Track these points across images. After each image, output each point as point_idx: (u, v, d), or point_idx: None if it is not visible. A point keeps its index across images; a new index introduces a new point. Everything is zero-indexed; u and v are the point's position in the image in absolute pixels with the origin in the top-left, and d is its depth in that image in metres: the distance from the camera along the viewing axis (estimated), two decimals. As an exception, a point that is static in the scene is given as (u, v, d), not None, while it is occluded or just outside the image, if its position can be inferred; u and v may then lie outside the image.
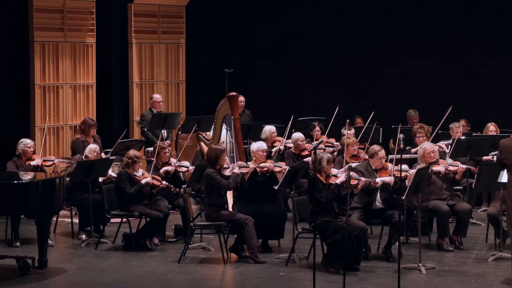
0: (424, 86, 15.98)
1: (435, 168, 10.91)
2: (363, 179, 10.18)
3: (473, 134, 13.63)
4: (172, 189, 11.26)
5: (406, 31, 16.14)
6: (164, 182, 11.16)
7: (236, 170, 10.51)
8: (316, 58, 16.53)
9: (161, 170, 11.31)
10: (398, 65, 16.18)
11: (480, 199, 13.28)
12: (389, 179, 10.26)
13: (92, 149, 11.66)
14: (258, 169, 10.67)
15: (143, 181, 10.87)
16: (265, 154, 10.95)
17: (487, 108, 15.10)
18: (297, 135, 12.80)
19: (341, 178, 9.85)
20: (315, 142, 12.29)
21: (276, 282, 9.41)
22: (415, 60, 16.04)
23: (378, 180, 10.26)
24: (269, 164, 10.78)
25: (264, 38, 16.80)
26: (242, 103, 14.86)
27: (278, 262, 10.24)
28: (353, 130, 13.52)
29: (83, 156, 11.73)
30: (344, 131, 13.23)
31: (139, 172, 10.99)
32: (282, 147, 12.50)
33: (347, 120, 11.85)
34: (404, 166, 10.23)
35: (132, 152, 11.14)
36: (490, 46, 15.77)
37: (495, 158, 11.51)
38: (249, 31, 16.91)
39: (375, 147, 10.73)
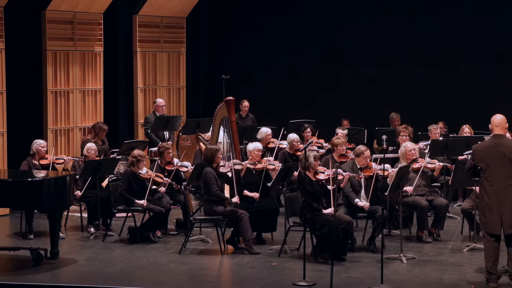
0: (406, 91, 15.96)
1: (415, 166, 10.93)
2: (347, 173, 10.20)
3: (450, 135, 13.63)
4: (174, 186, 11.26)
5: (389, 37, 16.13)
6: (166, 179, 11.16)
7: (235, 199, 10.44)
8: (306, 65, 16.51)
9: (166, 179, 11.24)
10: (385, 70, 16.15)
11: (456, 195, 13.28)
12: (363, 204, 10.25)
13: (89, 147, 11.67)
14: (251, 166, 10.68)
15: (146, 176, 10.87)
16: (260, 153, 10.96)
17: (462, 111, 15.10)
18: (293, 136, 12.78)
19: (327, 173, 9.85)
20: (306, 143, 12.32)
21: (269, 272, 9.41)
22: (399, 65, 16.02)
23: (356, 201, 10.26)
24: (263, 164, 10.78)
25: (258, 47, 16.78)
26: (246, 107, 14.89)
27: (271, 253, 10.24)
28: (346, 131, 13.54)
29: (83, 155, 11.78)
30: (339, 131, 13.25)
31: (143, 170, 11.00)
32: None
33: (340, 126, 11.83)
34: (386, 166, 10.26)
35: (137, 152, 11.14)
36: (466, 51, 15.76)
37: (469, 157, 11.52)
38: (244, 41, 16.90)
39: (361, 147, 10.74)
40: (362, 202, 10.29)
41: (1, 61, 12.91)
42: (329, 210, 9.79)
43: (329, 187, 9.90)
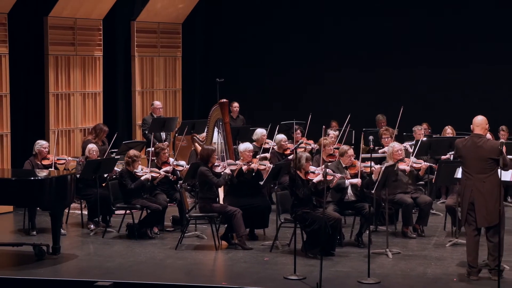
0: (392, 93, 16.00)
1: (401, 166, 10.95)
2: (338, 175, 10.22)
3: (433, 136, 13.65)
4: (170, 177, 11.27)
5: (376, 39, 16.17)
6: (162, 172, 11.18)
7: (227, 171, 10.50)
8: (296, 69, 16.54)
9: (162, 171, 11.27)
10: (369, 74, 16.19)
11: (439, 192, 13.31)
12: (356, 180, 10.29)
13: (91, 149, 11.69)
14: (244, 168, 10.68)
15: (142, 178, 10.88)
16: (251, 153, 10.96)
17: (446, 113, 15.12)
18: (280, 136, 12.82)
19: (318, 177, 9.85)
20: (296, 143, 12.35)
21: (262, 266, 9.41)
22: (384, 69, 16.06)
23: (347, 182, 10.29)
24: (254, 164, 10.78)
25: (251, 52, 16.81)
26: (237, 108, 14.88)
27: (263, 248, 10.25)
28: (337, 132, 13.54)
29: (85, 156, 11.79)
30: (330, 132, 13.26)
31: (139, 169, 11.01)
32: (268, 155, 12.43)
33: (323, 127, 11.84)
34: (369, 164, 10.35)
35: (132, 152, 11.15)
36: (449, 53, 15.80)
37: (452, 157, 11.56)
38: (237, 46, 16.92)
39: (344, 147, 10.83)
40: (354, 180, 10.28)
41: (5, 65, 12.89)
42: (318, 178, 9.78)
43: (317, 178, 9.88)
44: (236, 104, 14.90)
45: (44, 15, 13.64)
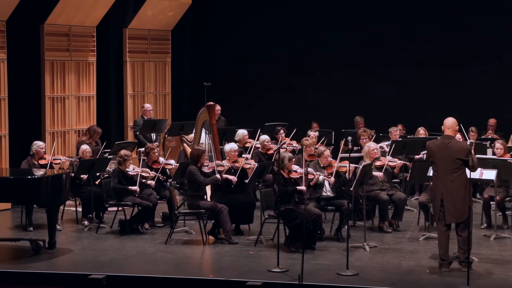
0: (369, 96, 16.05)
1: (377, 164, 11.00)
2: (317, 173, 10.25)
3: (408, 136, 13.70)
4: (160, 178, 11.26)
5: (355, 43, 16.21)
6: (152, 172, 11.17)
7: (218, 176, 10.47)
8: (278, 73, 16.56)
9: (151, 173, 11.25)
10: (349, 77, 16.23)
11: (413, 189, 13.34)
12: (330, 179, 10.33)
13: (84, 150, 11.66)
14: (228, 176, 10.66)
15: (133, 173, 10.86)
16: (236, 153, 10.97)
17: (419, 115, 15.19)
18: (264, 137, 12.81)
19: (303, 187, 9.85)
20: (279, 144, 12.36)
21: (247, 260, 9.42)
22: (364, 72, 16.11)
23: (321, 177, 10.31)
24: (240, 163, 10.80)
25: (237, 57, 16.81)
26: (218, 111, 14.85)
27: (248, 243, 10.26)
28: (317, 133, 13.56)
29: (78, 156, 11.76)
30: (311, 133, 13.27)
31: (130, 168, 10.99)
32: (249, 156, 12.45)
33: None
34: (345, 163, 10.41)
35: (123, 152, 11.13)
36: (421, 59, 15.86)
37: (424, 157, 11.62)
38: (224, 52, 16.92)
39: (321, 148, 10.87)
40: (328, 178, 10.32)
41: (4, 70, 12.84)
42: (302, 188, 9.79)
43: (301, 186, 9.93)
44: (218, 107, 14.88)
45: (40, 23, 13.59)
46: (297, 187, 9.88)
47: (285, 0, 16.64)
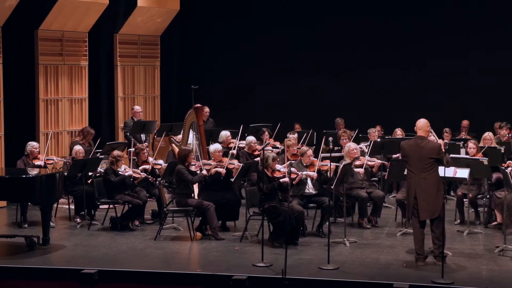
0: (349, 98, 16.10)
1: (357, 163, 11.03)
2: (300, 173, 10.27)
3: (386, 137, 13.76)
4: (150, 179, 11.24)
5: (336, 47, 16.24)
6: (142, 174, 11.16)
7: (204, 172, 10.48)
8: (263, 77, 16.57)
9: (140, 168, 11.27)
10: (330, 81, 16.28)
11: (391, 187, 13.38)
12: (312, 174, 10.34)
13: (77, 150, 11.63)
14: (212, 171, 10.65)
15: (127, 173, 10.86)
16: (221, 153, 10.98)
17: (397, 116, 15.25)
18: (251, 138, 12.81)
19: (285, 179, 9.87)
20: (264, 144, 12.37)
21: (232, 255, 9.43)
22: (344, 76, 16.17)
23: (304, 173, 10.34)
24: (225, 162, 10.80)
25: (223, 62, 16.82)
26: (207, 113, 14.85)
27: (234, 239, 10.26)
28: (296, 135, 13.58)
29: (71, 156, 11.72)
30: (290, 135, 13.28)
31: (122, 168, 10.97)
32: (234, 151, 12.47)
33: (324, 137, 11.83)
34: (327, 162, 10.41)
35: (116, 152, 11.12)
36: (396, 62, 15.93)
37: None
38: (211, 56, 16.92)
39: (304, 148, 10.89)
40: (310, 173, 10.32)
41: (-1, 73, 12.81)
42: (285, 180, 9.78)
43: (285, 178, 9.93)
44: (207, 109, 14.89)
45: (35, 28, 13.54)
46: (280, 180, 9.86)
47: (267, 6, 16.64)
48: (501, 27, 15.45)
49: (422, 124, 8.93)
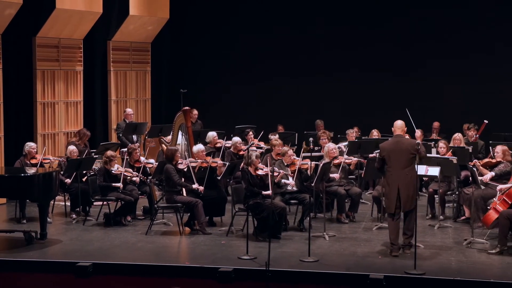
0: (328, 100, 16.13)
1: (335, 162, 11.07)
2: (281, 171, 10.29)
3: (363, 137, 13.80)
4: (141, 178, 11.22)
5: (316, 51, 16.27)
6: (134, 173, 11.14)
7: (201, 188, 10.34)
8: (247, 81, 16.58)
9: (134, 173, 11.22)
10: (312, 84, 16.30)
11: (367, 185, 13.44)
12: (289, 181, 10.33)
13: (72, 150, 11.59)
14: (204, 165, 10.68)
15: (117, 172, 10.82)
16: (204, 153, 10.98)
17: (373, 118, 15.29)
18: (236, 139, 12.78)
19: (269, 192, 9.84)
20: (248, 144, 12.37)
21: (219, 248, 9.43)
22: (322, 79, 16.20)
23: (283, 181, 10.34)
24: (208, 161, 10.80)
25: (210, 67, 16.81)
26: (196, 115, 14.83)
27: (220, 233, 10.27)
28: (277, 136, 13.59)
29: (66, 156, 11.69)
30: (271, 137, 13.30)
31: (115, 167, 10.95)
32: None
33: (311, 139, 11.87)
34: (306, 161, 10.45)
35: (109, 153, 11.09)
36: (371, 66, 15.97)
37: (377, 156, 11.71)
38: (198, 62, 16.90)
39: (285, 148, 10.92)
40: (289, 180, 10.34)
41: (-1, 78, 12.75)
42: (268, 192, 9.80)
43: (266, 172, 9.91)
44: (195, 112, 14.88)
45: (32, 36, 13.49)
46: (263, 192, 9.84)
47: (250, 13, 16.64)
48: (467, 31, 15.54)
49: (399, 124, 9.18)
